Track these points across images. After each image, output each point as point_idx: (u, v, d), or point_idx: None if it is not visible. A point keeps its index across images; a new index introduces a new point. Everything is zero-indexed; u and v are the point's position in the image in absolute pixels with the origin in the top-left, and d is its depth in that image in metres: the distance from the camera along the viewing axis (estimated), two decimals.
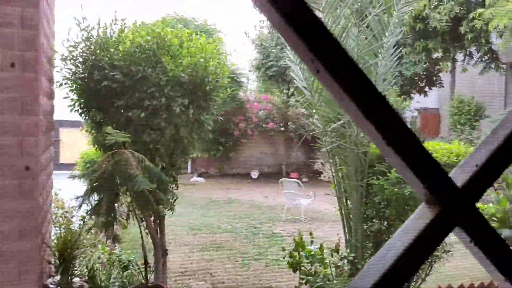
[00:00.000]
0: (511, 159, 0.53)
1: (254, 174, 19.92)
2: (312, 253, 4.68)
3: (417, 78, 17.48)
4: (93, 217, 4.28)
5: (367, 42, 4.82)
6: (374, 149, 5.00)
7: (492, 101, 18.44)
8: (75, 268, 4.24)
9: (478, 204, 2.91)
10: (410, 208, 4.70)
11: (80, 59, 4.87)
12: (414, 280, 5.01)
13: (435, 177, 0.50)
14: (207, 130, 5.19)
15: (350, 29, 4.65)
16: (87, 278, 4.70)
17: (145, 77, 4.68)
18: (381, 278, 0.49)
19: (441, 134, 21.57)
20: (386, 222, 4.94)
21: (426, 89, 18.54)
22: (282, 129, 20.59)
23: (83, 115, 5.13)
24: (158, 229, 5.31)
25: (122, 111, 4.76)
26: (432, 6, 14.44)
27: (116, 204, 4.37)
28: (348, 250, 4.79)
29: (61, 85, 4.94)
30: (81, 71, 4.90)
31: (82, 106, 5.06)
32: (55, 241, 4.66)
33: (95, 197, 4.33)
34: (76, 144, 16.43)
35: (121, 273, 5.32)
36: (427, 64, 16.79)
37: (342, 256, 4.71)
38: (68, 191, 6.70)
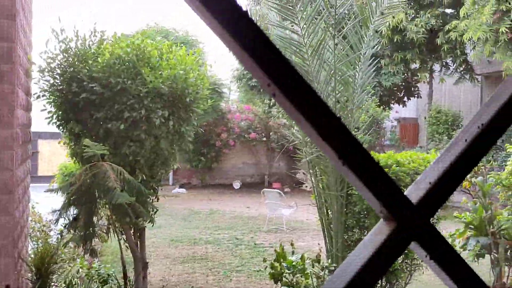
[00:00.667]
0: (462, 176, 0.56)
1: (236, 185, 19.89)
2: (294, 263, 4.69)
3: (395, 88, 17.78)
4: (71, 231, 4.22)
5: (344, 54, 4.91)
6: None
7: (469, 111, 18.88)
8: (53, 284, 4.16)
9: (455, 213, 2.96)
10: None
11: (58, 71, 4.83)
12: None
13: (390, 194, 0.52)
14: (188, 142, 5.19)
15: (327, 41, 4.72)
16: None
17: (124, 88, 4.66)
18: None
19: (419, 144, 21.94)
20: (366, 232, 4.99)
21: (405, 99, 18.88)
22: (264, 139, 20.66)
23: (61, 127, 5.08)
24: (138, 241, 5.26)
25: (101, 123, 4.72)
26: (409, 19, 14.77)
27: (95, 218, 4.32)
28: (329, 260, 4.82)
29: (38, 97, 4.89)
30: (59, 83, 4.86)
31: (60, 118, 5.00)
32: (32, 256, 4.58)
33: (72, 210, 4.28)
34: (55, 155, 16.17)
35: (100, 287, 5.24)
36: (405, 75, 17.12)
37: (324, 266, 4.73)
38: (46, 204, 6.59)
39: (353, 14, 4.85)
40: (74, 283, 4.99)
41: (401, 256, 4.95)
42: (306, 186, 20.21)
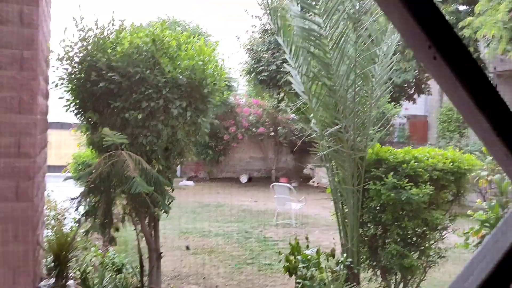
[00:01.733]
0: None
1: (244, 179, 19.89)
2: (308, 257, 4.68)
3: (406, 85, 17.68)
4: (89, 219, 4.22)
5: (366, 48, 4.85)
6: (370, 154, 5.03)
7: None
8: (70, 271, 4.17)
9: (469, 212, 2.90)
10: (406, 213, 4.73)
11: (77, 59, 4.81)
12: (409, 286, 5.03)
13: None
14: (204, 133, 5.17)
15: (348, 34, 4.67)
16: (80, 281, 4.64)
17: (143, 78, 4.64)
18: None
19: (429, 141, 21.82)
20: (382, 227, 4.95)
21: (415, 96, 18.77)
22: (272, 134, 20.62)
23: (78, 115, 5.07)
24: (152, 232, 5.26)
25: (118, 112, 4.70)
26: None
27: (112, 206, 4.32)
28: (344, 255, 4.79)
29: (56, 85, 4.88)
30: (78, 72, 4.84)
31: (77, 106, 5.00)
32: (47, 243, 4.58)
33: (90, 199, 4.28)
34: (64, 145, 16.22)
35: (114, 276, 5.25)
36: (416, 71, 17.00)
37: (339, 261, 4.70)
38: (57, 193, 6.61)
39: (376, 7, 4.79)
40: (88, 271, 5.02)
41: (418, 253, 4.92)
42: (313, 182, 20.20)
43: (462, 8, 15.78)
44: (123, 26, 5.02)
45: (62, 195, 7.11)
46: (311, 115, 5.09)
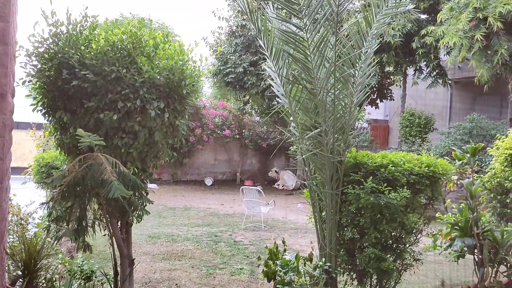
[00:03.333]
0: None
1: (209, 181, 19.69)
2: (287, 262, 4.62)
3: (369, 90, 18.06)
4: (60, 225, 3.98)
5: (345, 52, 4.87)
6: (349, 158, 5.04)
7: (439, 115, 19.41)
8: (40, 281, 3.92)
9: (438, 214, 2.94)
10: (383, 217, 4.77)
11: (47, 56, 4.56)
12: None
13: None
14: (182, 135, 5.02)
15: (328, 38, 4.66)
16: None
17: (119, 77, 4.45)
18: None
19: (390, 145, 22.40)
20: (359, 231, 4.97)
21: (378, 101, 19.20)
22: (238, 136, 20.55)
23: (47, 115, 4.80)
24: (124, 237, 5.05)
25: (92, 112, 4.49)
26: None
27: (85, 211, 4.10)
28: (323, 259, 4.77)
29: (24, 82, 4.59)
30: (47, 69, 4.59)
31: (46, 106, 4.73)
32: (11, 250, 4.30)
33: (62, 203, 4.04)
34: (19, 146, 15.48)
35: (82, 284, 5.01)
36: (379, 77, 17.40)
37: (318, 265, 4.68)
38: (19, 196, 6.26)
39: (356, 12, 4.81)
40: (54, 279, 4.75)
41: (393, 256, 4.97)
42: (278, 185, 20.27)
43: (423, 16, 16.29)
44: (97, 22, 4.81)
45: (24, 198, 6.75)
46: (291, 118, 5.05)
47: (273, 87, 5.15)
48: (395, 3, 4.98)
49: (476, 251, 5.38)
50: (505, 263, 5.33)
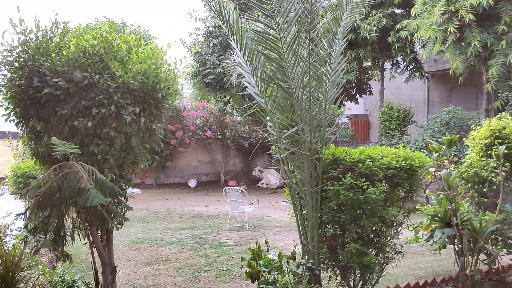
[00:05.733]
0: None
1: (192, 183, 19.60)
2: (270, 261, 4.63)
3: (348, 86, 18.20)
4: (38, 236, 3.92)
5: (318, 50, 4.90)
6: (327, 155, 5.08)
7: (417, 108, 19.69)
8: None
9: (418, 206, 3.02)
10: (363, 212, 4.82)
11: (17, 65, 4.48)
12: (368, 283, 5.13)
13: None
14: (159, 139, 4.99)
15: (301, 37, 4.69)
16: None
17: (92, 83, 4.40)
18: None
19: (371, 140, 22.63)
20: (340, 227, 5.01)
21: (357, 96, 19.37)
22: (219, 137, 20.50)
23: (20, 125, 4.72)
24: (105, 245, 5.00)
25: (66, 120, 4.42)
26: (362, 17, 15.13)
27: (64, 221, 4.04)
28: (306, 257, 4.79)
29: None
30: (18, 78, 4.51)
31: (18, 115, 4.65)
32: None
33: (39, 214, 3.97)
34: None
35: None
36: (358, 72, 17.56)
37: (301, 263, 4.70)
38: None
39: (324, 11, 4.85)
40: None
41: (375, 250, 5.02)
42: (262, 183, 20.30)
43: (398, 11, 16.49)
44: (68, 29, 4.74)
45: (2, 209, 6.62)
46: (267, 117, 5.06)
47: (247, 87, 5.15)
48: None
49: (456, 241, 5.47)
50: (484, 251, 5.43)
